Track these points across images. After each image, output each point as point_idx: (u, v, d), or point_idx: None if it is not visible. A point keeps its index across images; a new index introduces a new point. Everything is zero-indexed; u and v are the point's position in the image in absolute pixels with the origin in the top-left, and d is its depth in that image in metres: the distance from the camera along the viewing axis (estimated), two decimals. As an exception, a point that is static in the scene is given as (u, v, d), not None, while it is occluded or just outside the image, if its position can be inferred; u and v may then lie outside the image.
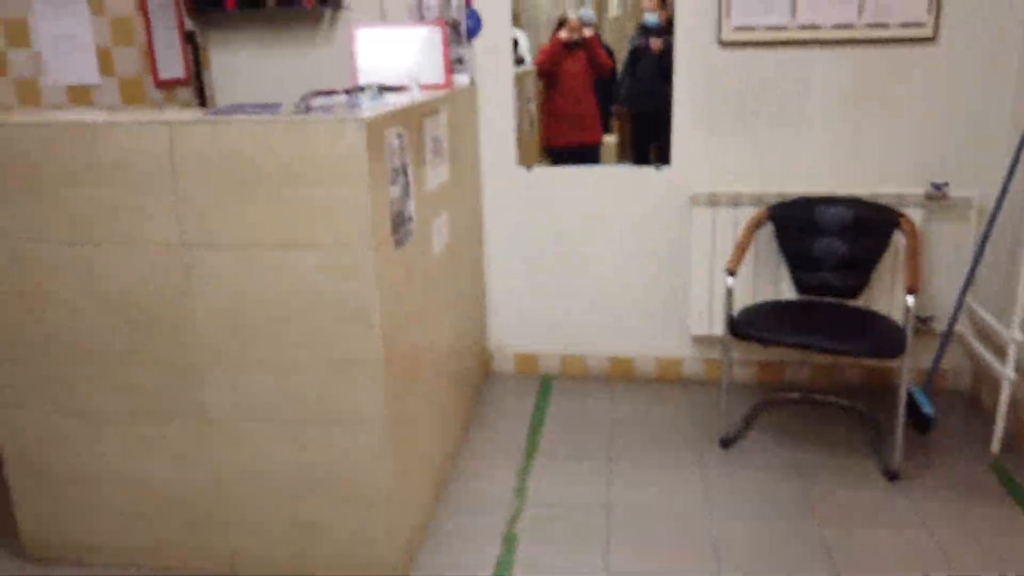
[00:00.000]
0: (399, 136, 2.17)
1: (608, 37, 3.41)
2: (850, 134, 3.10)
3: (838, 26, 2.99)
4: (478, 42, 3.27)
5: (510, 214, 3.42)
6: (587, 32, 3.38)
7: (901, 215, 2.88)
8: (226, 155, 1.94)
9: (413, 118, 2.33)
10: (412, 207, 2.31)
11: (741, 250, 2.94)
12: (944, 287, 3.17)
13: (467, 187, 3.13)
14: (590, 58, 3.41)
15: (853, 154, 3.12)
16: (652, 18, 3.23)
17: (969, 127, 3.02)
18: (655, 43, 3.22)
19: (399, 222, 2.18)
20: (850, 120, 3.09)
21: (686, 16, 3.09)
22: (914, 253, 2.74)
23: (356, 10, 3.30)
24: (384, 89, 2.70)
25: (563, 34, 3.37)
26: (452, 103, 2.88)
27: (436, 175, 2.61)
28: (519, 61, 3.62)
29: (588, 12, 3.43)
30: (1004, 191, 2.85)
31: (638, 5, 3.42)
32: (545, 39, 3.40)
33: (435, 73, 2.97)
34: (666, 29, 3.18)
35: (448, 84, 2.96)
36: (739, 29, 3.05)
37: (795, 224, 3.03)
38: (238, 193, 1.96)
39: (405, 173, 2.23)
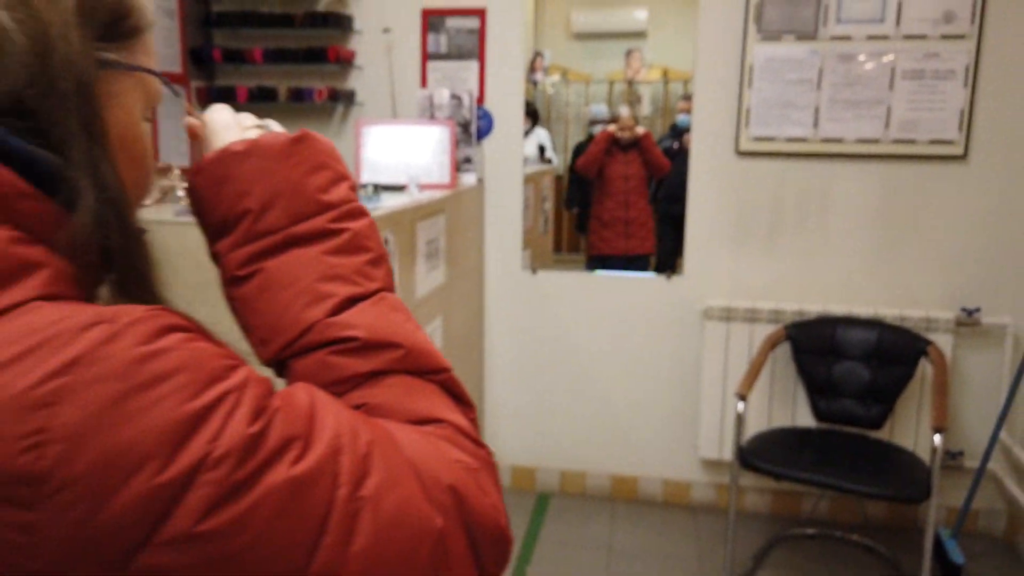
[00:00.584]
0: (385, 241, 2.06)
1: (627, 140, 3.33)
2: (875, 252, 2.93)
3: (863, 140, 2.86)
4: (488, 142, 3.20)
5: (513, 319, 3.27)
6: (640, 130, 3.29)
7: (929, 343, 2.67)
8: (185, 254, 1.83)
9: (405, 221, 2.22)
10: (396, 316, 2.17)
11: (755, 372, 2.74)
12: (976, 420, 2.92)
13: (467, 291, 3.00)
14: (645, 158, 3.29)
15: (878, 273, 2.94)
16: (686, 119, 3.13)
17: (1002, 250, 2.84)
18: (687, 140, 3.12)
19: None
20: (875, 238, 2.92)
21: (704, 122, 2.99)
22: (942, 387, 2.51)
23: (368, 106, 3.26)
24: (381, 189, 2.61)
25: (614, 129, 3.28)
26: (455, 203, 2.78)
27: (429, 279, 2.48)
28: (547, 161, 3.55)
29: (625, 109, 3.37)
30: (1042, 323, 2.64)
31: (668, 105, 3.35)
32: (574, 138, 3.32)
33: (440, 172, 2.89)
34: (684, 135, 3.08)
35: (452, 184, 2.87)
36: (758, 139, 2.93)
37: (814, 345, 2.83)
38: (193, 295, 1.84)
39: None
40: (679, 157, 3.17)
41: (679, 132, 3.21)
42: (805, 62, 2.85)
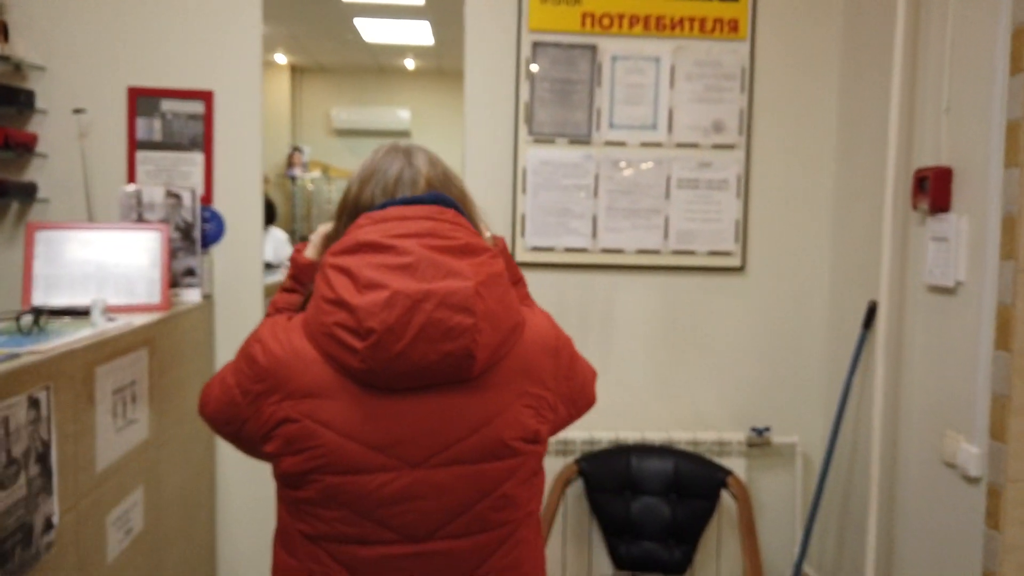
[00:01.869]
0: (33, 404, 1.39)
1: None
2: (661, 370, 2.70)
3: (643, 251, 2.65)
4: (219, 249, 2.60)
5: (250, 466, 2.62)
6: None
7: (729, 473, 2.42)
8: None
9: (74, 369, 1.57)
10: (54, 506, 1.48)
11: (547, 519, 2.32)
12: (775, 549, 2.72)
13: (188, 440, 2.32)
14: None
15: (666, 393, 2.70)
16: None
17: (785, 364, 2.72)
18: None
19: (17, 541, 1.35)
20: (660, 355, 2.69)
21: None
22: (750, 528, 2.26)
23: (56, 204, 2.54)
24: (53, 315, 1.92)
25: None
26: (167, 330, 2.14)
27: (120, 441, 1.81)
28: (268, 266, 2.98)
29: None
30: (831, 447, 2.50)
31: None
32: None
33: (148, 290, 2.23)
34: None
35: (165, 304, 2.23)
36: (535, 249, 2.62)
37: (609, 480, 2.49)
38: None
39: (43, 460, 1.43)
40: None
41: None
42: (580, 167, 2.62)
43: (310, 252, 1.30)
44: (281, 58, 7.38)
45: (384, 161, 1.17)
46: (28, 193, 2.50)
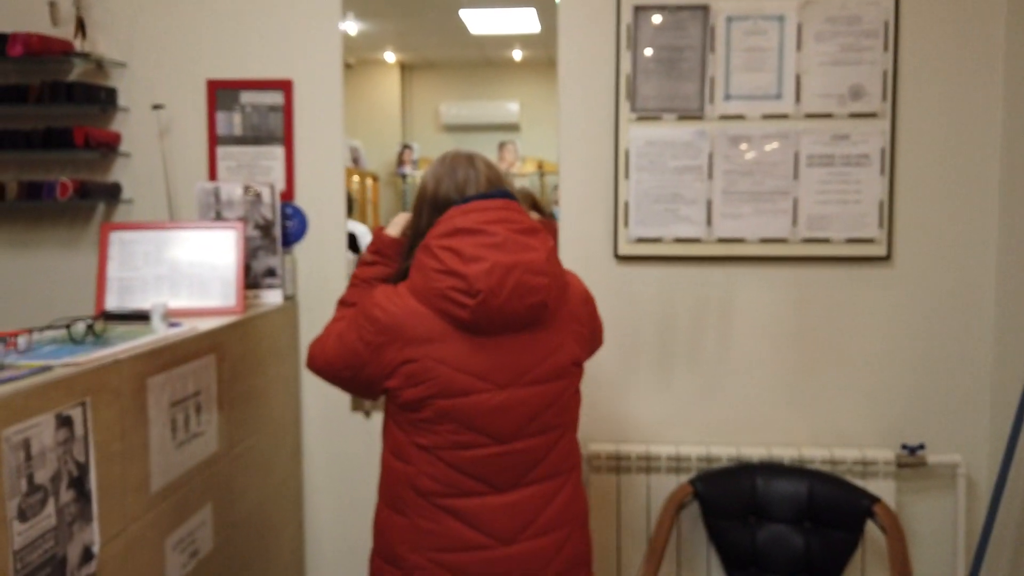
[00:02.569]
0: (63, 423, 1.24)
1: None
2: (791, 377, 2.34)
3: (767, 240, 2.30)
4: (302, 248, 2.45)
5: (341, 480, 2.46)
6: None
7: (876, 500, 2.05)
8: None
9: (119, 381, 1.42)
10: (94, 534, 1.33)
11: (658, 551, 2.03)
12: (932, 585, 2.31)
13: (268, 452, 2.17)
14: None
15: (797, 404, 2.34)
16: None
17: (944, 371, 2.30)
18: None
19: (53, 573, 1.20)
20: (790, 359, 2.34)
21: (573, 221, 2.37)
22: (903, 566, 1.88)
23: (140, 205, 2.46)
24: (117, 320, 1.80)
25: None
26: (242, 335, 2.00)
27: (180, 457, 1.66)
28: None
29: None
30: (1005, 470, 2.08)
31: (544, 198, 2.72)
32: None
33: (223, 292, 2.10)
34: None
35: (241, 307, 2.09)
36: (640, 241, 2.33)
37: (730, 504, 2.17)
38: None
39: (78, 484, 1.28)
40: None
41: None
42: (692, 145, 2.30)
43: (393, 231, 1.64)
44: (390, 56, 7.34)
45: (452, 164, 1.52)
46: (112, 194, 2.43)
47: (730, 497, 2.17)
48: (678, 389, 2.37)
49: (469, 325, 1.38)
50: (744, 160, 2.29)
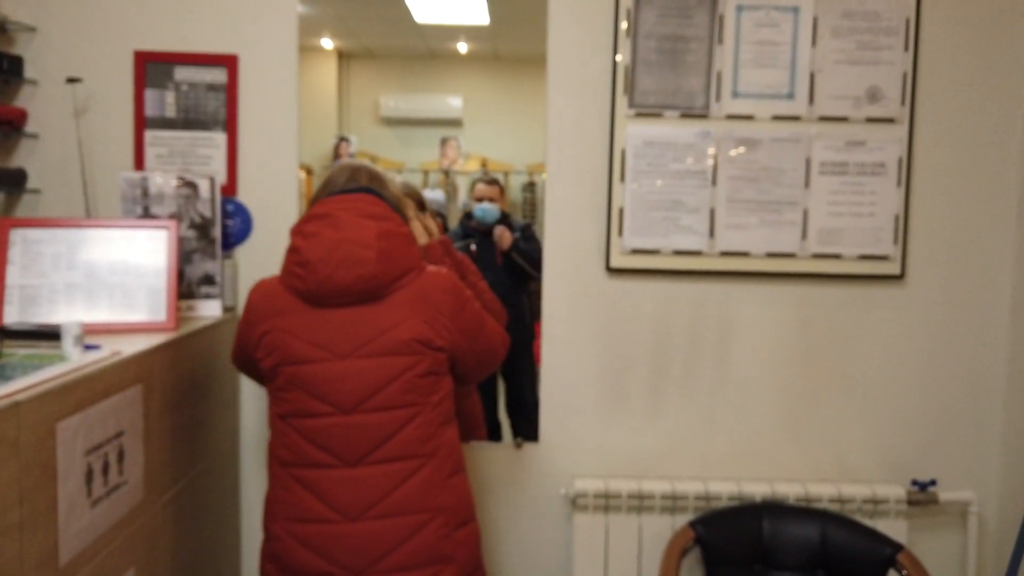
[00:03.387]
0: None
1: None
2: (796, 406, 2.13)
3: (774, 254, 2.08)
4: (244, 251, 2.11)
5: (286, 519, 2.13)
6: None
7: (899, 548, 1.85)
8: None
9: (16, 431, 1.08)
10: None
11: (659, 606, 1.78)
12: (940, 632, 2.14)
13: (202, 494, 1.83)
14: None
15: (803, 435, 2.13)
16: (491, 212, 2.22)
17: (956, 401, 2.13)
18: (503, 236, 2.18)
19: None
20: (794, 386, 2.13)
21: (560, 228, 2.10)
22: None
23: (50, 196, 2.08)
24: (6, 336, 1.45)
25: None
26: (174, 358, 1.65)
27: (101, 515, 1.32)
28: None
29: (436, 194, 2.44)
30: (1035, 507, 1.91)
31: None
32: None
33: (151, 305, 1.75)
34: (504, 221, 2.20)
35: (173, 323, 1.74)
36: (636, 252, 2.08)
37: (735, 550, 1.94)
38: None
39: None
40: (487, 261, 2.19)
41: (478, 230, 2.22)
42: (695, 147, 2.06)
43: None
44: (327, 43, 6.98)
45: (338, 171, 1.66)
46: (14, 182, 2.04)
47: (735, 542, 1.94)
48: (673, 418, 2.13)
49: (308, 296, 1.50)
50: (751, 165, 2.07)
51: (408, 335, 1.49)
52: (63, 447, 1.20)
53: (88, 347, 1.46)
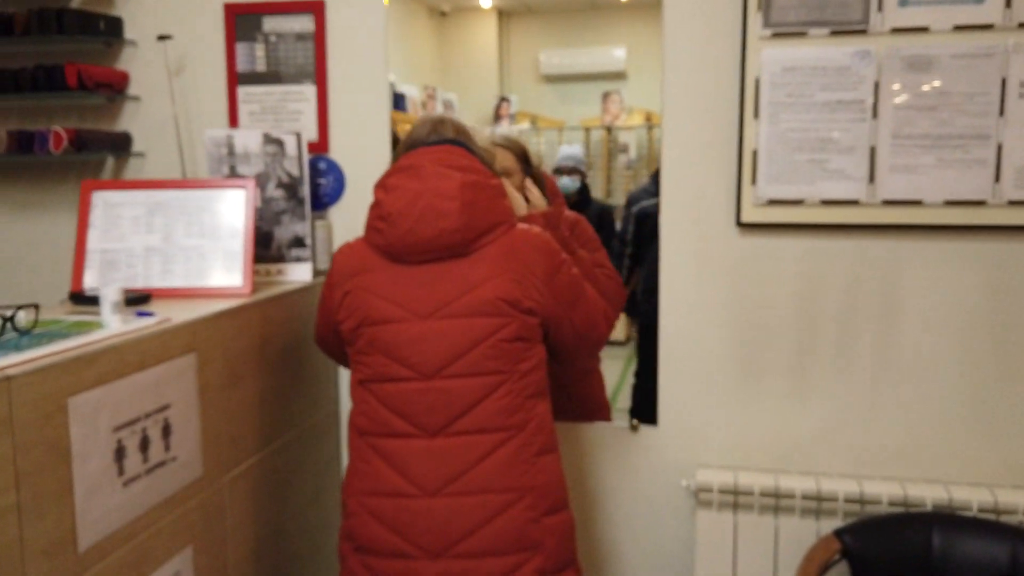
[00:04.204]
0: None
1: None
2: (984, 392, 1.70)
3: (955, 203, 1.65)
4: (338, 212, 1.99)
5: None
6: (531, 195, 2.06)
7: (1124, 586, 1.41)
8: None
9: (11, 403, 0.99)
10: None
11: (790, 631, 1.47)
12: None
13: (294, 470, 1.73)
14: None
15: (992, 429, 1.71)
16: (568, 186, 2.01)
17: None
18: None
19: None
20: (984, 367, 1.70)
21: (680, 176, 1.79)
22: None
23: (154, 159, 2.05)
24: (78, 302, 1.39)
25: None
26: (242, 324, 1.55)
27: (138, 494, 1.22)
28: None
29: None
30: None
31: (653, 153, 2.13)
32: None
33: (227, 268, 1.66)
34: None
35: (249, 287, 1.64)
36: (773, 203, 1.73)
37: (895, 569, 1.57)
38: None
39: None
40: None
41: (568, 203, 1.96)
42: (850, 72, 1.67)
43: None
44: (486, 2, 6.85)
45: (419, 124, 1.52)
46: (120, 146, 2.03)
47: (893, 559, 1.57)
48: (820, 402, 1.77)
49: (389, 251, 1.40)
50: (925, 91, 1.64)
51: (494, 294, 1.36)
52: (78, 424, 1.10)
53: (141, 314, 1.37)
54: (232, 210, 1.69)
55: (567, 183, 2.26)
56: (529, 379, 1.39)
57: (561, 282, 1.43)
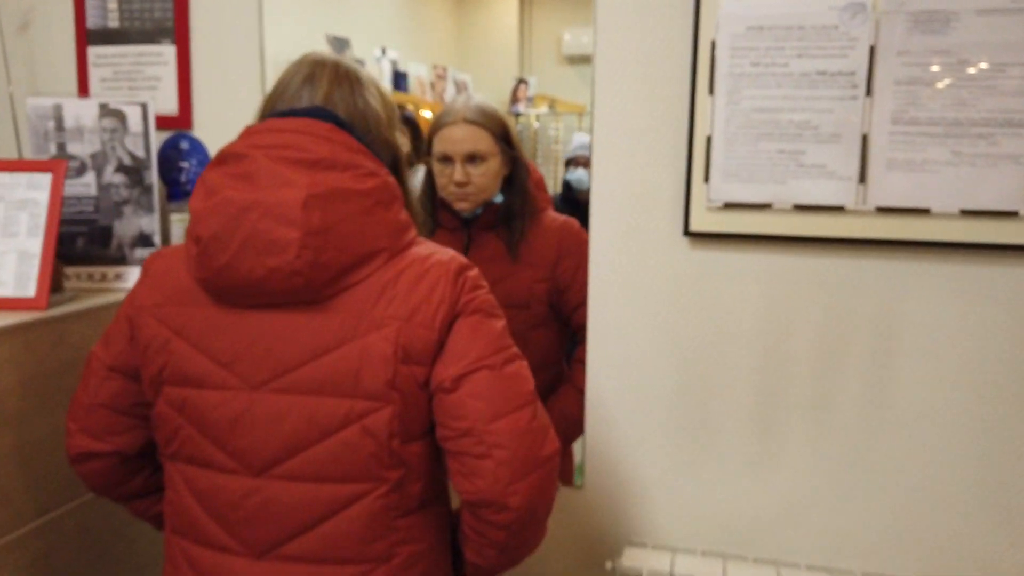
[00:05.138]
0: None
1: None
2: (1008, 462, 1.27)
3: (974, 213, 1.22)
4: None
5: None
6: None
7: None
8: None
9: None
10: None
11: None
12: None
13: (91, 538, 1.37)
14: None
15: (1003, 514, 1.28)
16: (586, 179, 1.58)
17: None
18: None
19: None
20: (1004, 427, 1.27)
21: (608, 168, 1.38)
22: None
23: (-2, 133, 1.70)
24: None
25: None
26: (21, 351, 1.18)
27: None
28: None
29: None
30: None
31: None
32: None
33: (19, 276, 1.30)
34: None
35: (42, 301, 1.28)
36: (731, 208, 1.31)
37: None
38: None
39: None
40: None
41: (584, 200, 1.59)
42: (837, 33, 1.25)
43: None
44: (508, -23, 6.48)
45: (292, 71, 1.05)
46: (-49, 117, 1.68)
47: None
48: (788, 469, 1.36)
49: (205, 286, 0.96)
50: (938, 59, 1.21)
51: (359, 362, 0.92)
52: None
53: None
54: (33, 200, 1.33)
55: (582, 177, 1.92)
56: (407, 490, 0.96)
57: (479, 324, 0.96)
